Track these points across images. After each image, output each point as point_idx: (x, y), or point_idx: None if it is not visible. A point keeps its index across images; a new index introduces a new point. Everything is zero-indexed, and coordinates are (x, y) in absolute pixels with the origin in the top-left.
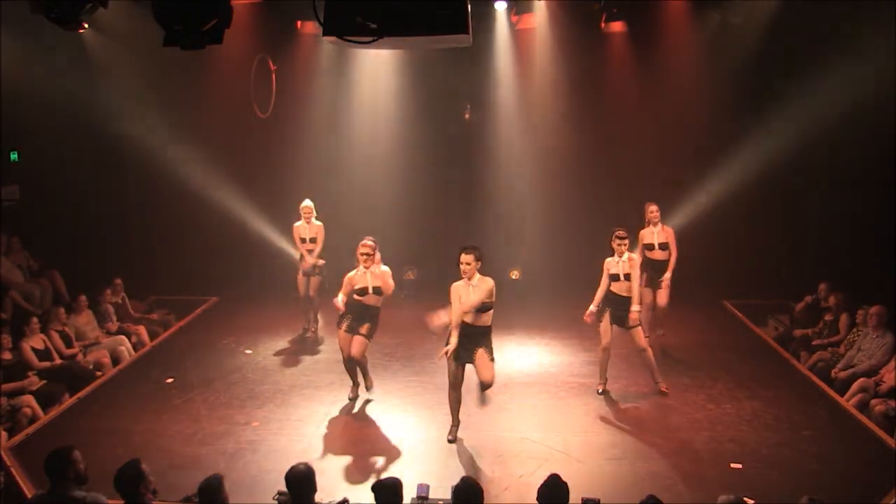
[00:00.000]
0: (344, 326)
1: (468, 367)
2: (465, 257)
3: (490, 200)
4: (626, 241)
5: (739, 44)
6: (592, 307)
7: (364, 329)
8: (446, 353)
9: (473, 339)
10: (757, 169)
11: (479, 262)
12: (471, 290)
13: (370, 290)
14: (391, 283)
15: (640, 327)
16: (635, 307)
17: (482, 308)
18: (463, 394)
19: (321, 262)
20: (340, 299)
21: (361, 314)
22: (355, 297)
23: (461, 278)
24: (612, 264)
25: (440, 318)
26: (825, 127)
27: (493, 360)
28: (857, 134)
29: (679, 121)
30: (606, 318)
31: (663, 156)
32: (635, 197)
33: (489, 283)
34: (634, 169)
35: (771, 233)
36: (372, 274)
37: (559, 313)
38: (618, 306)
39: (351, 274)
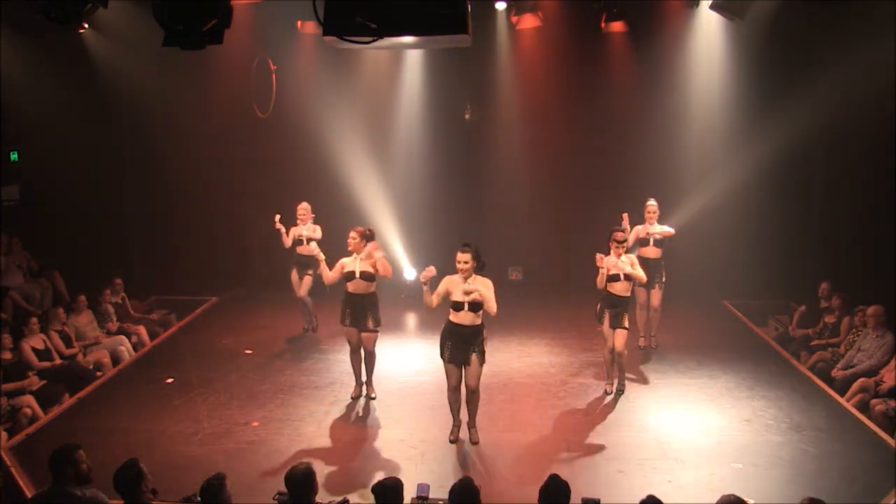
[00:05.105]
0: (346, 321)
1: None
2: (461, 256)
3: (490, 200)
4: (626, 245)
5: (740, 44)
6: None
7: (369, 322)
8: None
9: (467, 339)
10: (757, 168)
11: (476, 262)
12: (464, 286)
13: (357, 275)
14: (387, 265)
15: (626, 332)
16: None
17: (474, 306)
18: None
19: (317, 252)
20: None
21: (358, 304)
22: (346, 283)
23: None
24: (612, 265)
25: (431, 271)
26: (825, 126)
27: (482, 363)
28: (857, 133)
29: (679, 120)
30: (608, 319)
31: (663, 155)
32: (635, 196)
33: (486, 282)
34: (634, 169)
35: (771, 233)
36: (361, 259)
37: (559, 313)
38: (616, 307)
39: (344, 259)
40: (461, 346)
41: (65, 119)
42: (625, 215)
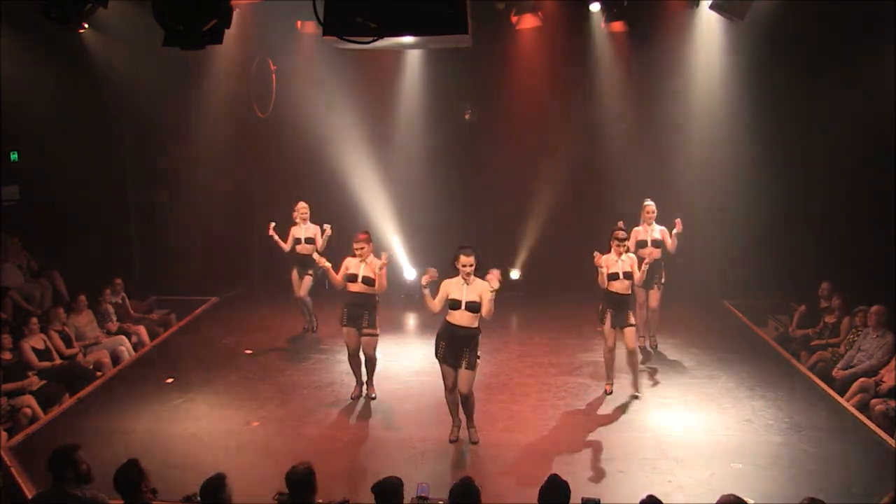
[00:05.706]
0: (343, 320)
1: None
2: (466, 259)
3: (489, 200)
4: (626, 243)
5: (739, 44)
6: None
7: (366, 325)
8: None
9: (461, 341)
10: (756, 168)
11: (477, 264)
12: (465, 289)
13: (359, 279)
14: (384, 282)
15: (634, 328)
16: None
17: (472, 308)
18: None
19: (324, 261)
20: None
21: (357, 304)
22: (347, 284)
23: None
24: (612, 263)
25: (434, 274)
26: (825, 126)
27: (474, 366)
28: (857, 133)
29: (678, 120)
30: (609, 318)
31: (662, 155)
32: (635, 197)
33: (486, 284)
34: (634, 168)
35: (771, 233)
36: (365, 264)
37: (559, 313)
38: (618, 306)
39: (349, 260)
40: (455, 348)
41: (65, 119)
42: (620, 223)
